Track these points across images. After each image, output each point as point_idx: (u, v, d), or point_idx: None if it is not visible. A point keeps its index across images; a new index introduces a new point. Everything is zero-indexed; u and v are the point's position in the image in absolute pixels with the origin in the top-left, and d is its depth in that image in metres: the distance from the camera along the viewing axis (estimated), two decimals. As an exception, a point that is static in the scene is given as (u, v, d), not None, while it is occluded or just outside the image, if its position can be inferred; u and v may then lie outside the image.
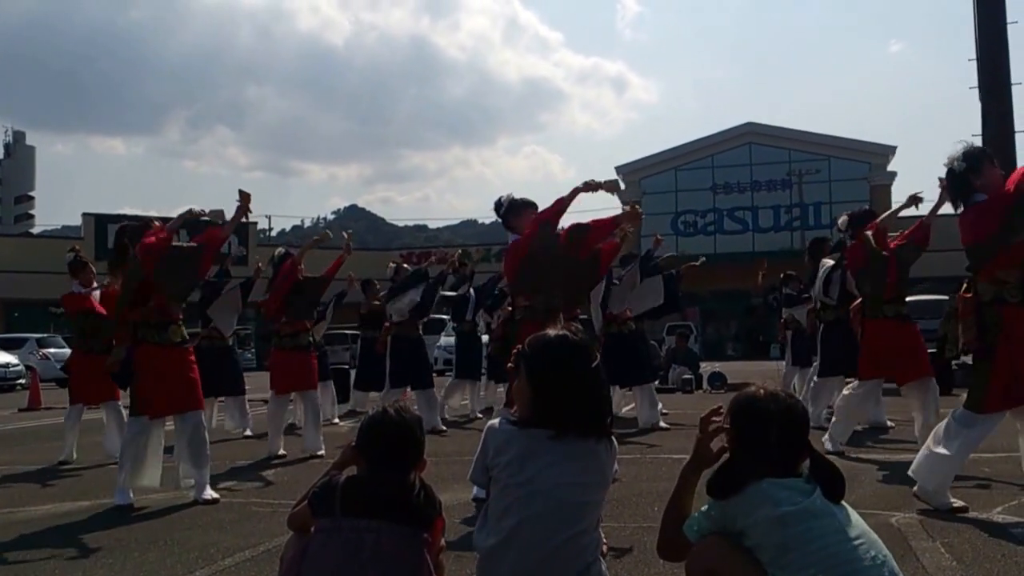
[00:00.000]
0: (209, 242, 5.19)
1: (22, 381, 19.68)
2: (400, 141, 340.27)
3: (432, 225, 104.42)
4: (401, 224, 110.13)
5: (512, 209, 5.14)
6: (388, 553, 2.21)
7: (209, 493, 5.06)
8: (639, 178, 40.09)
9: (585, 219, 5.07)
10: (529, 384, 2.39)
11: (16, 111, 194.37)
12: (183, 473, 5.14)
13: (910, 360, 5.71)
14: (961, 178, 4.23)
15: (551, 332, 2.49)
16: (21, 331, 24.56)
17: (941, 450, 4.15)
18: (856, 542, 2.04)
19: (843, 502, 2.15)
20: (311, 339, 7.38)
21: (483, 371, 10.55)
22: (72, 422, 7.18)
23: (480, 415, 9.93)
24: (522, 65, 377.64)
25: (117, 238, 5.62)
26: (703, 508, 2.22)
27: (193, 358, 5.26)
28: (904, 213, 5.71)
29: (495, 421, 2.46)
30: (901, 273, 5.67)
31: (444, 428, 8.67)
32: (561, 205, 4.75)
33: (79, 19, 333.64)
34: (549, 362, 2.39)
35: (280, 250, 7.59)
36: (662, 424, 8.25)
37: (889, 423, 7.78)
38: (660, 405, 8.78)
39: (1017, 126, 13.23)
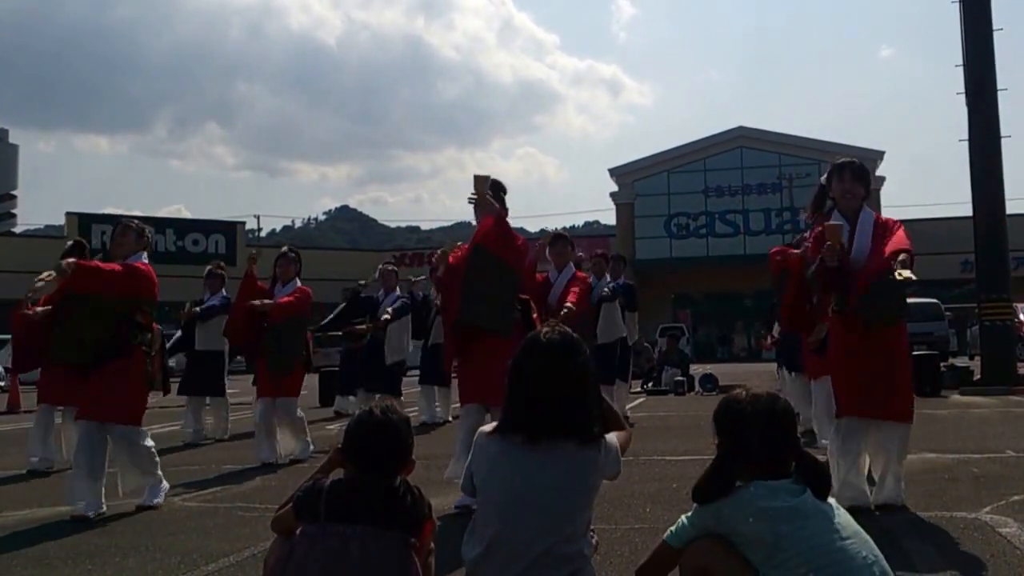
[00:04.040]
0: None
1: (1, 383, 19.20)
2: (393, 142, 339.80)
3: (425, 227, 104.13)
4: (393, 225, 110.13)
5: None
6: (374, 559, 2.18)
7: (156, 498, 5.02)
8: (632, 180, 40.30)
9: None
10: (507, 386, 2.36)
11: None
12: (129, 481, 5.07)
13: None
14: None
15: (534, 332, 2.46)
16: (2, 332, 23.82)
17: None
18: (847, 541, 2.05)
19: (834, 502, 2.15)
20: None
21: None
22: (43, 422, 6.82)
23: (451, 420, 9.77)
24: (517, 66, 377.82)
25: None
26: (685, 517, 2.21)
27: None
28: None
29: (485, 427, 2.43)
30: None
31: None
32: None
33: (64, 14, 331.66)
34: (518, 364, 2.35)
35: (283, 248, 7.37)
36: None
37: None
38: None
39: (1002, 131, 13.32)
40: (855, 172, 4.53)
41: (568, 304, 5.85)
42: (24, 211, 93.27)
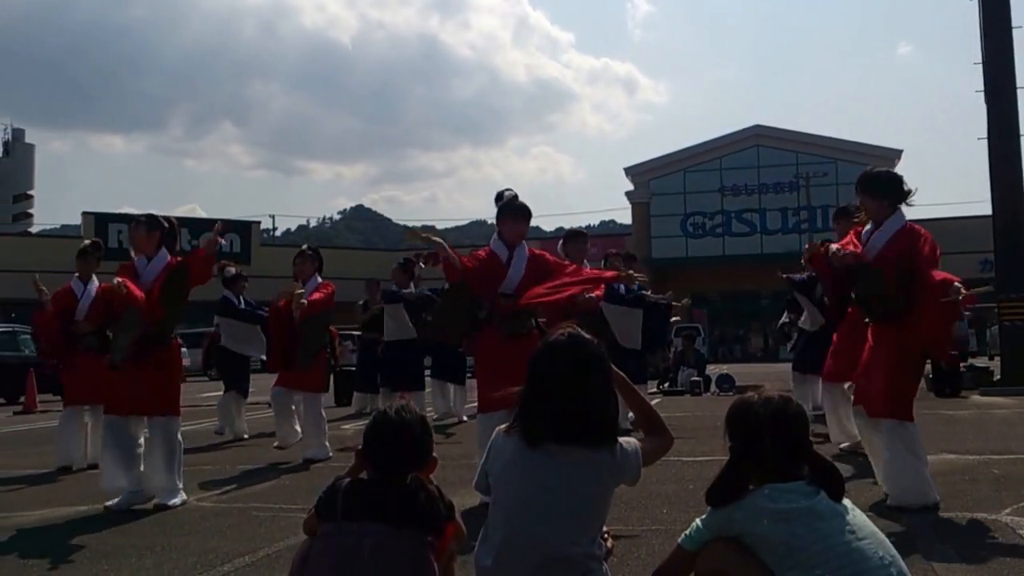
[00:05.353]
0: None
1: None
2: (407, 141, 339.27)
3: (440, 226, 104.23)
4: (409, 224, 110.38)
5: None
6: (388, 557, 2.17)
7: (175, 499, 5.00)
8: (648, 179, 40.28)
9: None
10: (523, 388, 2.34)
11: (15, 108, 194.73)
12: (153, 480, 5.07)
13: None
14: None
15: (547, 334, 2.44)
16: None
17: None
18: (863, 542, 2.04)
19: (849, 503, 2.13)
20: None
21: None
22: (71, 425, 6.87)
23: (466, 419, 9.74)
24: (532, 65, 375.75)
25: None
26: (699, 520, 2.20)
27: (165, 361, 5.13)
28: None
29: (502, 426, 2.41)
30: None
31: None
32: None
33: (79, 14, 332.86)
34: (531, 366, 2.32)
35: (304, 246, 7.45)
36: None
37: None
38: None
39: (1021, 129, 13.19)
40: (863, 185, 4.66)
41: (593, 295, 5.82)
42: (40, 211, 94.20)
